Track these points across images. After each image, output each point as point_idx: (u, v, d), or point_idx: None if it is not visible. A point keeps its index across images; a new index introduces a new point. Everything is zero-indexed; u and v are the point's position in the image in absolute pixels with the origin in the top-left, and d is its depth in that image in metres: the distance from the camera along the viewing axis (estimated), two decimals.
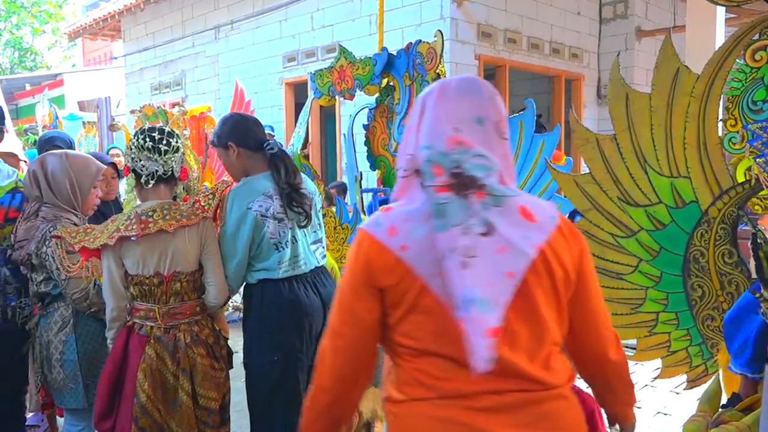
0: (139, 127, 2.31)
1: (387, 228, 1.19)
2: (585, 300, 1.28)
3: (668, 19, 8.61)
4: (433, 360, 1.18)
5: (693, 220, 2.01)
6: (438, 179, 1.15)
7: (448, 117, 1.21)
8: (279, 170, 2.38)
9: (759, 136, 1.70)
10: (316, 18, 7.76)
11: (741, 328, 1.63)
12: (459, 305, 1.09)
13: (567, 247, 1.22)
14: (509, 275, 1.12)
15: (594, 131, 2.15)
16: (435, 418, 1.16)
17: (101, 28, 11.63)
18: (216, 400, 2.23)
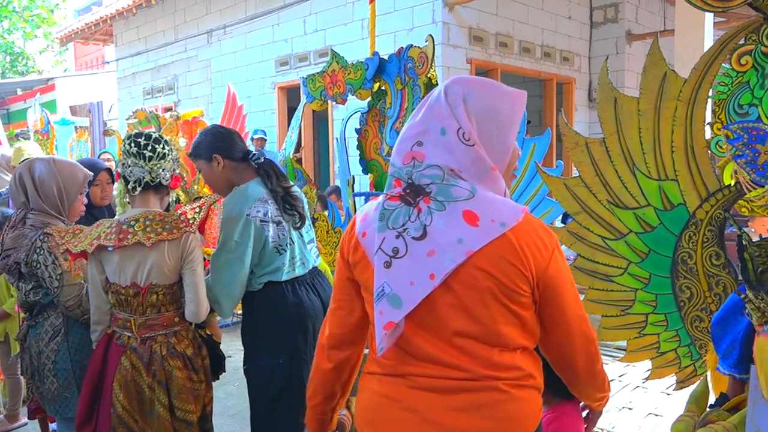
0: (129, 133, 2.30)
1: (363, 214, 1.37)
2: (553, 309, 1.28)
3: (658, 23, 8.69)
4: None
5: (681, 222, 2.03)
6: (394, 190, 1.30)
7: (411, 132, 1.32)
8: (270, 177, 2.36)
9: (740, 137, 1.72)
10: (308, 22, 7.78)
11: (728, 330, 1.65)
12: (375, 297, 1.23)
13: (518, 255, 1.21)
14: (431, 277, 1.21)
15: (585, 134, 2.17)
16: (375, 392, 1.32)
17: (93, 32, 11.61)
18: (194, 412, 2.18)
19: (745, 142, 1.71)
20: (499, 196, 1.27)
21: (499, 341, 1.25)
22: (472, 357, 1.24)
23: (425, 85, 3.33)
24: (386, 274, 1.23)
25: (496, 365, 1.24)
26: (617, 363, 4.06)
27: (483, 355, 1.24)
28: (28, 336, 2.40)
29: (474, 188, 1.24)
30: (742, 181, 1.88)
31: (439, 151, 1.26)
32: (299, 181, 3.72)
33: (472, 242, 1.20)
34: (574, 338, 1.31)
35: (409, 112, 3.40)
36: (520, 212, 1.24)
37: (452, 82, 1.32)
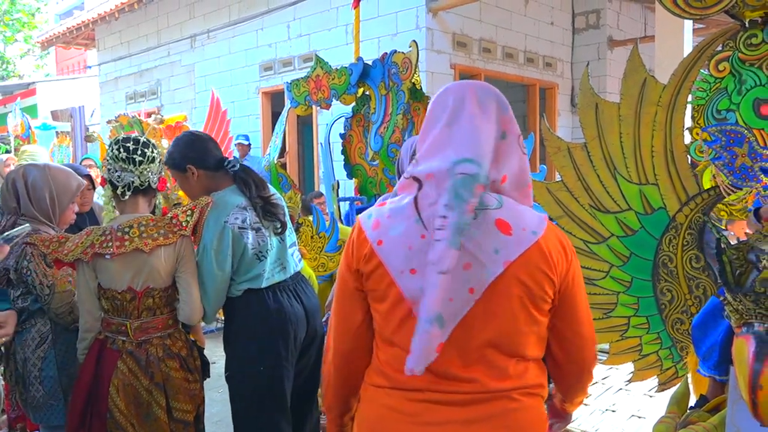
0: (114, 138, 2.27)
1: (373, 221, 1.29)
2: (571, 311, 1.30)
3: (639, 30, 8.80)
4: (395, 351, 1.26)
5: (661, 226, 2.06)
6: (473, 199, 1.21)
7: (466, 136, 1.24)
8: (248, 186, 2.33)
9: (717, 139, 1.75)
10: (292, 27, 7.77)
11: (708, 332, 1.68)
12: (427, 318, 1.16)
13: (547, 262, 1.23)
14: (471, 291, 1.18)
15: (568, 139, 2.19)
16: (385, 405, 1.27)
17: (75, 36, 11.51)
18: (191, 412, 2.21)
19: (723, 145, 1.74)
20: (520, 205, 1.27)
21: (518, 351, 1.25)
22: (489, 368, 1.23)
23: (409, 91, 3.35)
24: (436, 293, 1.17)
25: (510, 376, 1.24)
26: (600, 366, 4.09)
27: (501, 366, 1.24)
28: (14, 342, 2.36)
29: (500, 197, 1.24)
30: (721, 184, 1.92)
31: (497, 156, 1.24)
32: (284, 186, 3.72)
33: (509, 252, 1.19)
34: (587, 341, 1.34)
35: (393, 117, 3.41)
36: (544, 220, 1.26)
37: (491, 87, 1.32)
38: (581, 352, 1.34)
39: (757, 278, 1.27)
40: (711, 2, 1.95)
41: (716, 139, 1.75)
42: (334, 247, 3.51)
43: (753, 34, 2.22)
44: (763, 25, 2.18)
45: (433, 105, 1.33)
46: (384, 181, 3.54)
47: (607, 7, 8.31)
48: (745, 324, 1.31)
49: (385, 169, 3.52)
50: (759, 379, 1.21)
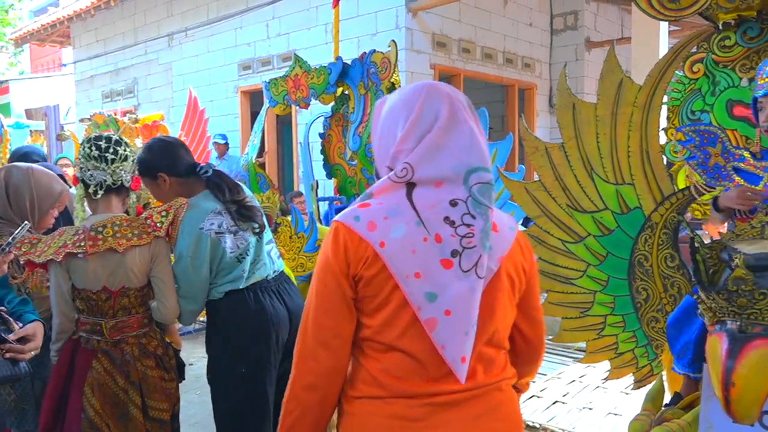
0: (87, 136, 2.23)
1: (366, 222, 1.22)
2: (533, 297, 1.38)
3: (616, 31, 8.91)
4: (398, 357, 1.23)
5: (637, 225, 2.08)
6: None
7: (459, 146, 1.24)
8: (222, 191, 2.29)
9: (692, 139, 1.78)
10: (271, 26, 7.73)
11: (683, 330, 1.70)
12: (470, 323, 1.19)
13: (521, 255, 1.32)
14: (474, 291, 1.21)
15: (547, 139, 2.21)
16: (390, 415, 1.22)
17: (50, 33, 11.33)
18: (167, 411, 2.19)
19: (697, 145, 1.77)
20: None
21: (504, 343, 1.31)
22: (485, 364, 1.26)
23: (388, 90, 3.34)
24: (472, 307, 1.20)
25: (499, 368, 1.29)
26: (577, 364, 4.13)
27: (493, 359, 1.28)
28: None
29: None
30: (695, 183, 1.94)
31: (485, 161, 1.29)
32: (262, 186, 3.69)
33: (501, 248, 1.25)
34: (542, 320, 1.44)
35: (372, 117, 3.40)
36: (510, 215, 1.36)
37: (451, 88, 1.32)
38: (542, 329, 1.44)
39: (729, 277, 1.29)
40: (685, 4, 1.97)
41: (690, 139, 1.77)
42: (313, 247, 3.49)
43: (726, 36, 2.26)
44: (736, 28, 2.22)
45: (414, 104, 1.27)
46: (362, 181, 3.54)
47: (585, 9, 8.40)
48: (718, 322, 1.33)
49: (363, 169, 3.51)
50: (731, 376, 1.22)
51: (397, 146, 1.28)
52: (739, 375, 1.22)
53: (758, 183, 1.83)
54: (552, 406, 3.58)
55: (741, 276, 1.27)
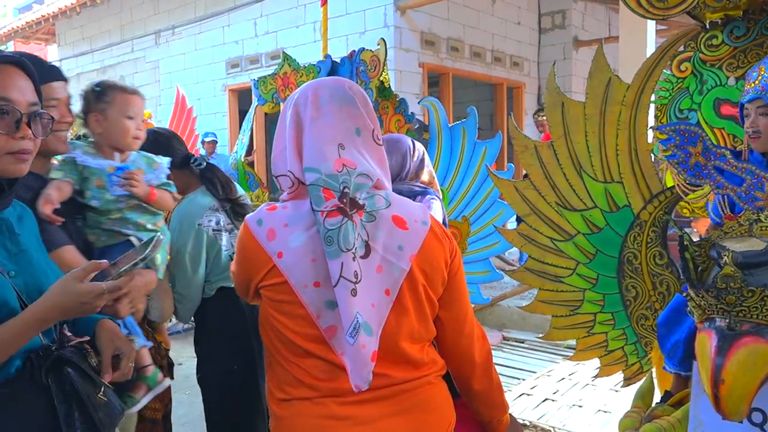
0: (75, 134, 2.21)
1: (267, 230, 1.23)
2: (455, 298, 1.34)
3: (604, 30, 8.95)
4: (314, 361, 1.23)
5: (626, 223, 2.09)
6: (328, 204, 1.17)
7: (330, 134, 1.22)
8: (215, 186, 2.27)
9: (672, 138, 1.79)
10: (259, 24, 7.70)
11: (673, 329, 1.71)
12: (348, 331, 1.15)
13: (440, 247, 1.28)
14: (387, 293, 1.19)
15: (535, 138, 2.21)
16: (319, 415, 1.22)
17: (34, 31, 11.21)
18: (159, 410, 2.18)
19: (677, 144, 1.78)
20: (402, 197, 1.31)
21: (425, 336, 1.29)
22: (410, 362, 1.25)
23: (377, 89, 3.34)
24: (356, 303, 1.15)
25: (425, 362, 1.28)
26: (567, 362, 4.15)
27: (416, 356, 1.27)
28: None
29: (386, 194, 1.26)
30: (679, 182, 1.94)
31: (362, 156, 1.23)
32: (251, 184, 3.68)
33: (411, 245, 1.22)
34: (470, 325, 1.37)
35: None
36: (425, 208, 1.31)
37: (346, 83, 1.30)
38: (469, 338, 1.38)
39: (718, 274, 1.30)
40: (673, 3, 1.98)
41: (671, 138, 1.78)
42: None
43: (713, 35, 2.28)
44: (723, 27, 2.23)
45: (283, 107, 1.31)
46: None
47: (573, 8, 8.43)
48: (707, 319, 1.33)
49: None
50: (721, 373, 1.23)
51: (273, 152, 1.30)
52: (729, 372, 1.23)
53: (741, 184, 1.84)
54: (542, 403, 3.60)
55: (730, 273, 1.28)
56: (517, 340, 4.86)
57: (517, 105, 8.45)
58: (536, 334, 4.76)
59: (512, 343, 4.83)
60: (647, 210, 2.05)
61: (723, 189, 1.74)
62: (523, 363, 4.33)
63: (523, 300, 5.16)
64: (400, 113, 3.52)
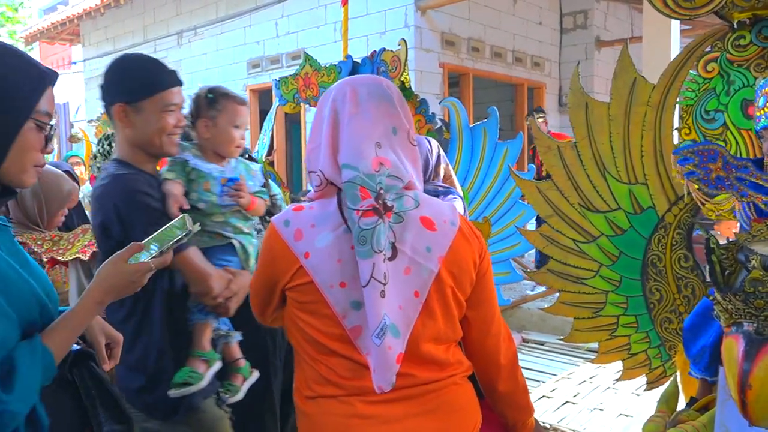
0: (103, 134, 2.24)
1: (294, 230, 1.23)
2: (483, 299, 1.32)
3: (626, 30, 8.86)
4: (340, 360, 1.23)
5: (650, 225, 2.07)
6: (364, 203, 1.16)
7: (368, 131, 1.21)
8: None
9: (690, 159, 1.77)
10: (280, 24, 7.74)
11: (699, 334, 1.68)
12: (375, 333, 1.14)
13: (469, 248, 1.26)
14: (416, 295, 1.18)
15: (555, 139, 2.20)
16: (345, 414, 1.22)
17: (59, 32, 11.38)
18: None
19: (697, 164, 1.76)
20: (431, 197, 1.29)
21: (452, 337, 1.28)
22: (435, 363, 1.25)
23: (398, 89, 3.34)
24: (384, 305, 1.14)
25: (450, 363, 1.27)
26: (588, 364, 4.11)
27: (442, 357, 1.26)
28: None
29: (415, 194, 1.24)
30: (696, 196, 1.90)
31: (397, 156, 1.22)
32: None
33: (439, 247, 1.21)
34: (497, 325, 1.35)
35: None
36: (454, 208, 1.29)
37: (383, 81, 1.29)
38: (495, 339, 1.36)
39: (746, 278, 1.28)
40: (700, 3, 1.95)
41: (689, 159, 1.76)
42: None
43: (741, 35, 2.24)
44: (751, 27, 2.20)
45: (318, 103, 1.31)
46: None
47: (595, 8, 8.35)
48: (734, 323, 1.32)
49: None
50: (748, 378, 1.21)
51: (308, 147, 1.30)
52: (756, 377, 1.21)
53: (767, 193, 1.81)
54: (562, 406, 3.57)
55: (758, 277, 1.26)
56: (537, 342, 4.82)
57: (537, 105, 8.40)
58: (556, 336, 4.73)
59: (532, 345, 4.79)
60: (672, 212, 2.03)
61: (748, 197, 1.71)
62: (544, 365, 4.30)
63: (544, 302, 5.13)
64: (421, 114, 3.52)
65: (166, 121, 1.74)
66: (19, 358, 1.04)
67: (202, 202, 1.84)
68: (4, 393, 1.00)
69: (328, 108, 1.26)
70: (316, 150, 1.27)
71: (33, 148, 1.14)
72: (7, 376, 1.01)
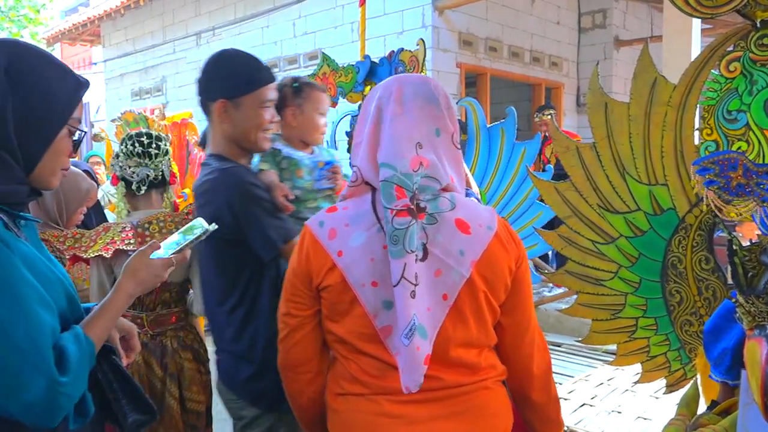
0: (127, 134, 2.28)
1: (328, 230, 1.24)
2: (518, 305, 1.31)
3: (646, 29, 8.77)
4: (369, 360, 1.24)
5: (671, 226, 2.05)
6: (399, 202, 1.15)
7: (410, 132, 1.21)
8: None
9: (710, 169, 1.75)
10: (298, 25, 7.76)
11: (720, 336, 1.66)
12: (404, 332, 1.14)
13: (505, 253, 1.25)
14: (444, 297, 1.17)
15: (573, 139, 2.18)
16: (372, 412, 1.23)
17: (80, 33, 11.52)
18: (203, 402, 2.25)
19: (717, 173, 1.74)
20: (469, 200, 1.28)
21: (485, 342, 1.27)
22: (465, 366, 1.24)
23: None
24: (414, 305, 1.13)
25: (482, 367, 1.26)
26: (606, 367, 4.08)
27: (474, 361, 1.25)
28: None
29: (452, 196, 1.23)
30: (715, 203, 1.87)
31: (438, 158, 1.21)
32: None
33: (473, 251, 1.19)
34: (532, 333, 1.33)
35: None
36: (492, 211, 1.28)
37: (431, 81, 1.28)
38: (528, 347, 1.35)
39: None
40: (723, 1, 1.93)
41: (708, 169, 1.74)
42: None
43: (764, 35, 2.20)
44: None
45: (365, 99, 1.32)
46: None
47: (614, 7, 8.28)
48: (757, 326, 1.30)
49: None
50: None
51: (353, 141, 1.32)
52: None
53: None
54: (580, 408, 3.55)
55: None
56: (554, 344, 4.79)
57: (555, 106, 8.34)
58: (573, 337, 4.70)
59: (549, 347, 4.76)
60: (693, 213, 2.01)
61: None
62: (561, 367, 4.27)
63: (562, 303, 5.09)
64: None
65: (263, 116, 1.79)
66: (68, 346, 1.08)
67: (297, 189, 1.89)
68: (62, 376, 1.04)
69: (373, 105, 1.26)
70: (358, 146, 1.27)
71: (63, 153, 1.19)
72: (60, 361, 1.06)
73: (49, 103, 1.12)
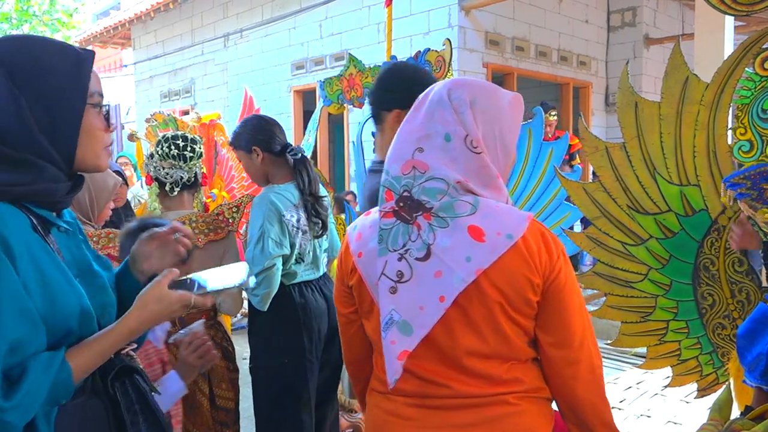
0: (162, 136, 2.33)
1: (357, 233, 1.30)
2: (556, 323, 1.22)
3: (676, 27, 8.61)
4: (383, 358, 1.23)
5: (703, 228, 2.01)
6: (386, 205, 1.20)
7: (412, 137, 1.23)
8: (303, 178, 2.38)
9: (742, 184, 1.71)
10: (324, 26, 7.80)
11: (755, 340, 1.62)
12: (382, 326, 1.17)
13: (524, 265, 1.17)
14: (441, 299, 1.15)
15: (603, 139, 2.15)
16: (387, 410, 1.27)
17: (111, 36, 11.73)
18: (232, 399, 2.29)
19: (750, 186, 1.70)
20: (502, 205, 1.21)
21: (510, 355, 1.22)
22: (481, 378, 1.20)
23: None
24: (393, 301, 1.16)
25: (505, 381, 1.21)
26: (635, 370, 4.02)
27: (493, 374, 1.21)
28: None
29: (477, 200, 1.18)
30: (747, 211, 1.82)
31: (444, 160, 1.18)
32: None
33: (481, 260, 1.15)
34: (576, 352, 1.22)
35: None
36: (525, 220, 1.19)
37: (454, 85, 1.24)
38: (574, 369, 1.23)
39: None
40: None
41: (740, 184, 1.71)
42: None
43: None
44: None
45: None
46: None
47: (644, 5, 8.14)
48: None
49: None
50: None
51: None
52: None
53: None
54: None
55: None
56: None
57: (583, 105, 8.24)
58: (602, 340, 4.63)
59: None
60: (726, 214, 1.97)
61: None
62: None
63: (590, 305, 5.03)
64: None
65: None
66: (32, 368, 0.99)
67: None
68: (4, 400, 0.95)
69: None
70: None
71: (98, 129, 1.17)
72: (14, 383, 0.97)
73: (61, 90, 1.09)
